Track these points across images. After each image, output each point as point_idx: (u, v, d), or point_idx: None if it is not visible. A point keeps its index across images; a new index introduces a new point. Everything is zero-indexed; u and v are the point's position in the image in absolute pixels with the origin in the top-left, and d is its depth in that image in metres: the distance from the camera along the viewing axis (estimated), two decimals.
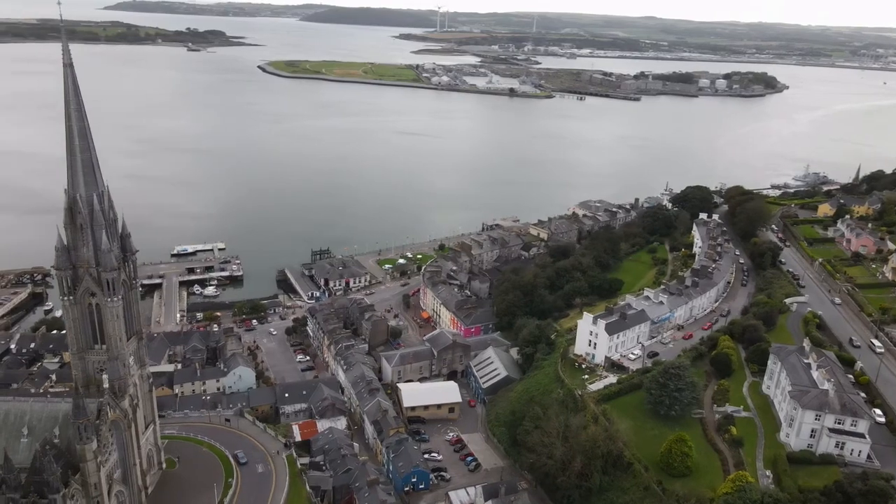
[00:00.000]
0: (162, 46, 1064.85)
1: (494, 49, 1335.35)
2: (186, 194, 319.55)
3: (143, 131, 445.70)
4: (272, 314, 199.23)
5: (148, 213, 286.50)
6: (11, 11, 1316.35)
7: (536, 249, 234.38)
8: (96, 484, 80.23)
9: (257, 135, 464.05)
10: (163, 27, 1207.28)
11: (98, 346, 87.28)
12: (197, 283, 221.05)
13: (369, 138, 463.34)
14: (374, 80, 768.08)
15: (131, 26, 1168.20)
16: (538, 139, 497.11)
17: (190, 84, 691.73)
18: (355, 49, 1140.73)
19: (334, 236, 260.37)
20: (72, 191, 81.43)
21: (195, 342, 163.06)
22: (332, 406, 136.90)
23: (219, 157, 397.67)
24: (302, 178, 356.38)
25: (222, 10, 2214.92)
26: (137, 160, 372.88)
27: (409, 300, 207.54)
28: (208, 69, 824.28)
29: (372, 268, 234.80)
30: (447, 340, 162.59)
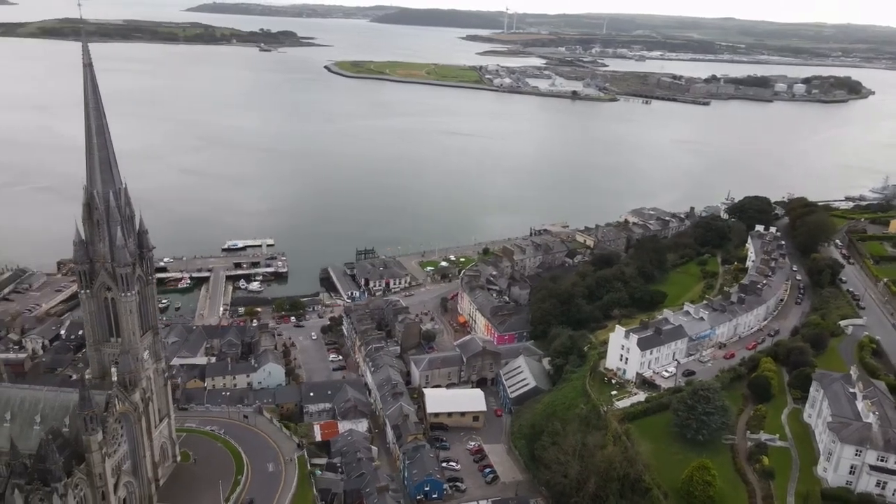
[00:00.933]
0: (236, 47, 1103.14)
1: (561, 51, 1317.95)
2: (242, 190, 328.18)
3: (207, 128, 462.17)
4: (311, 312, 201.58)
5: (204, 207, 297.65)
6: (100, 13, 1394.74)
7: (581, 257, 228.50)
8: (101, 474, 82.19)
9: (315, 133, 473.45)
10: (238, 28, 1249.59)
11: (114, 339, 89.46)
12: (243, 278, 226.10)
13: (424, 139, 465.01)
14: (435, 81, 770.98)
15: (208, 27, 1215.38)
16: (597, 143, 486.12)
17: (257, 83, 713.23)
18: (420, 50, 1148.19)
19: (380, 236, 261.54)
20: (89, 187, 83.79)
21: (231, 336, 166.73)
22: (355, 408, 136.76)
23: (276, 154, 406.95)
24: (354, 176, 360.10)
25: (296, 12, 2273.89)
26: (198, 156, 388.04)
27: (447, 304, 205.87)
28: (276, 69, 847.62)
29: (414, 269, 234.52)
30: (477, 347, 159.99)
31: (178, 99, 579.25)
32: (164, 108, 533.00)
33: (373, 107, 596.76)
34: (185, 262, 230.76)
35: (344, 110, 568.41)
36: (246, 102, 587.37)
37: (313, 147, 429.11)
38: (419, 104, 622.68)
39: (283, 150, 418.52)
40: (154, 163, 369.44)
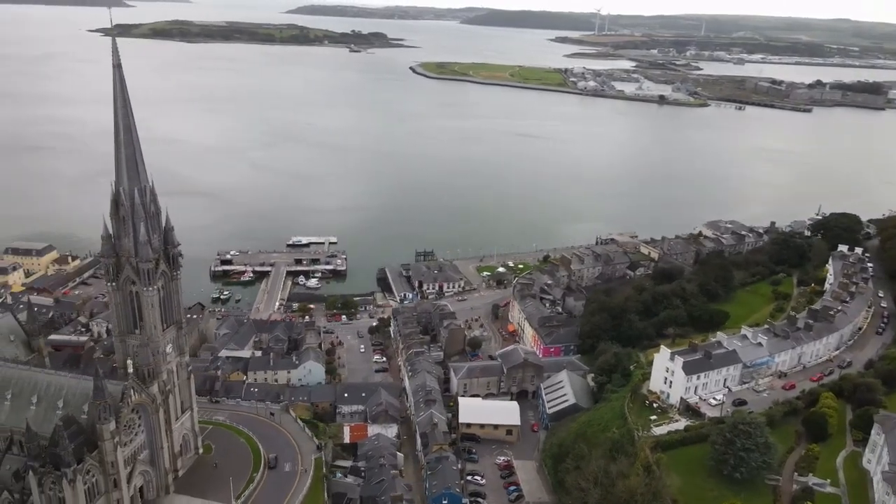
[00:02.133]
0: (327, 47, 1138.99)
1: (653, 53, 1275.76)
2: (312, 187, 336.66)
3: (284, 125, 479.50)
4: (363, 311, 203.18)
5: (274, 203, 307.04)
6: (205, 15, 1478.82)
7: (644, 270, 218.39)
8: (113, 463, 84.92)
9: (388, 133, 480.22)
10: (331, 29, 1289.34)
11: (137, 331, 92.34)
12: (302, 275, 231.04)
13: (498, 142, 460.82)
14: (518, 84, 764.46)
15: (303, 28, 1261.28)
16: (681, 151, 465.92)
17: (339, 82, 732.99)
18: (506, 52, 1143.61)
19: (441, 238, 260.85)
20: (116, 184, 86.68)
21: (278, 332, 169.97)
22: (385, 412, 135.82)
23: (349, 152, 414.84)
24: (423, 177, 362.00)
25: (388, 14, 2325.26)
26: (272, 152, 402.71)
27: (499, 311, 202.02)
28: (361, 69, 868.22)
29: (470, 274, 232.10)
30: (518, 358, 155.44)
31: (262, 96, 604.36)
32: (247, 104, 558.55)
33: (450, 108, 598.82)
34: (249, 256, 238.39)
35: (421, 111, 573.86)
36: (326, 101, 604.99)
37: (386, 146, 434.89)
38: (498, 106, 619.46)
39: (355, 148, 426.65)
40: (231, 157, 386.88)
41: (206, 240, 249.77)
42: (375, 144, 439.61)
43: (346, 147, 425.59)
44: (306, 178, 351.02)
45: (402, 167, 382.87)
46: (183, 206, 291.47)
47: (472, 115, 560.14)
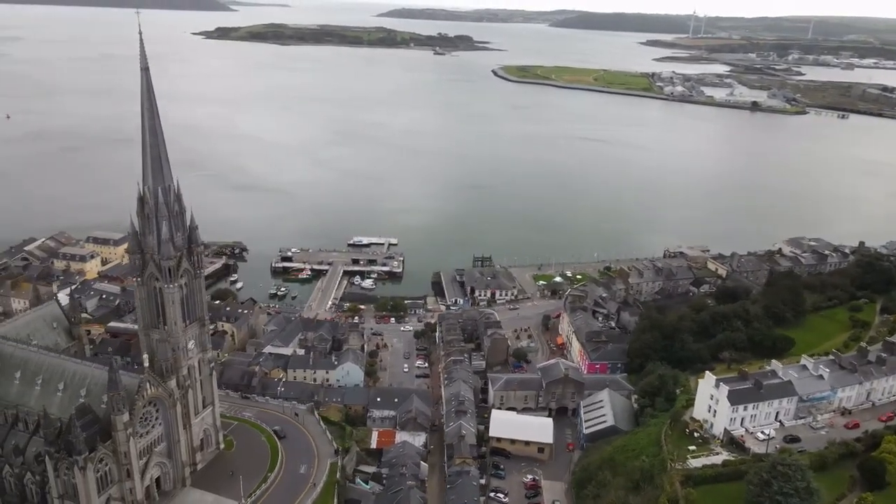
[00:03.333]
0: (413, 50, 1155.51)
1: (750, 57, 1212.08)
2: (377, 187, 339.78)
3: (356, 124, 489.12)
4: (412, 315, 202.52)
5: (338, 201, 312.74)
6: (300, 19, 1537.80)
7: (709, 287, 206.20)
8: (126, 453, 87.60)
9: (460, 135, 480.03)
10: (418, 32, 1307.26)
11: (161, 326, 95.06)
12: (358, 275, 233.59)
13: (572, 147, 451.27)
14: (600, 88, 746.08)
15: (390, 31, 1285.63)
16: (770, 161, 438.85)
17: (418, 84, 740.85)
18: (592, 55, 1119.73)
19: (501, 244, 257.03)
20: (142, 183, 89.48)
21: (323, 331, 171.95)
22: (414, 420, 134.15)
23: (418, 153, 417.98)
24: (490, 180, 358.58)
25: (477, 17, 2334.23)
26: (342, 151, 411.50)
27: (550, 322, 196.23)
28: (443, 71, 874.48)
29: (525, 282, 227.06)
30: (559, 373, 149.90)
31: (340, 96, 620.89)
32: (324, 104, 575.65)
33: (526, 111, 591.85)
34: (309, 254, 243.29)
35: (495, 113, 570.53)
36: (401, 101, 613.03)
37: (455, 148, 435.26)
38: (577, 111, 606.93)
39: (424, 149, 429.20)
40: (302, 155, 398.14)
41: (270, 236, 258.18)
42: (445, 146, 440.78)
43: (416, 148, 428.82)
44: (373, 178, 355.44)
45: (470, 170, 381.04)
46: (253, 202, 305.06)
47: (549, 119, 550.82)
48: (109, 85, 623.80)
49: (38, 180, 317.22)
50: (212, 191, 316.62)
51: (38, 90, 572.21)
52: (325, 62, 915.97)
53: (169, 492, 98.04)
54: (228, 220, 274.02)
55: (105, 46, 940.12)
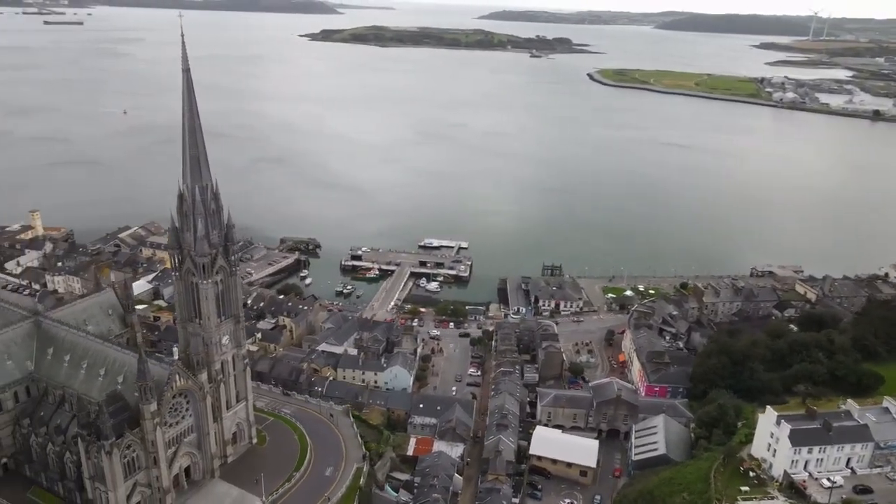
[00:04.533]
0: (509, 52, 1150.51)
1: (877, 62, 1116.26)
2: (453, 188, 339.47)
3: (441, 125, 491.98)
4: (472, 321, 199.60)
5: (412, 202, 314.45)
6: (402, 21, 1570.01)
7: (794, 312, 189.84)
8: (153, 441, 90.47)
9: (543, 138, 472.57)
10: (516, 35, 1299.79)
11: (196, 320, 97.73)
12: (424, 277, 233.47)
13: (661, 154, 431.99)
14: (702, 93, 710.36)
15: (488, 33, 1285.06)
16: (890, 175, 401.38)
17: (508, 86, 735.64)
18: (698, 59, 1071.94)
19: (573, 252, 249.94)
20: (182, 181, 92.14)
21: (378, 332, 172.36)
22: (453, 430, 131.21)
23: (498, 156, 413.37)
24: (568, 186, 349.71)
25: (579, 19, 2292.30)
26: (422, 151, 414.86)
27: (614, 338, 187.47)
28: (536, 73, 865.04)
29: (594, 294, 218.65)
30: (611, 392, 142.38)
31: (428, 97, 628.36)
32: (411, 104, 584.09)
33: (619, 116, 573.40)
34: (379, 254, 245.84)
35: (585, 118, 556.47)
36: (487, 103, 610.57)
37: (537, 152, 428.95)
38: (674, 117, 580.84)
39: (505, 151, 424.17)
40: (383, 155, 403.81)
41: (344, 234, 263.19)
42: (526, 149, 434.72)
43: (496, 150, 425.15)
44: (450, 180, 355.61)
45: (549, 174, 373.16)
46: (332, 200, 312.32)
47: (640, 124, 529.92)
48: (210, 83, 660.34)
49: (139, 171, 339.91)
50: (295, 187, 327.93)
51: (152, 87, 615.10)
52: (420, 64, 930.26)
53: (198, 482, 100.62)
54: (306, 217, 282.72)
55: (213, 48, 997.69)
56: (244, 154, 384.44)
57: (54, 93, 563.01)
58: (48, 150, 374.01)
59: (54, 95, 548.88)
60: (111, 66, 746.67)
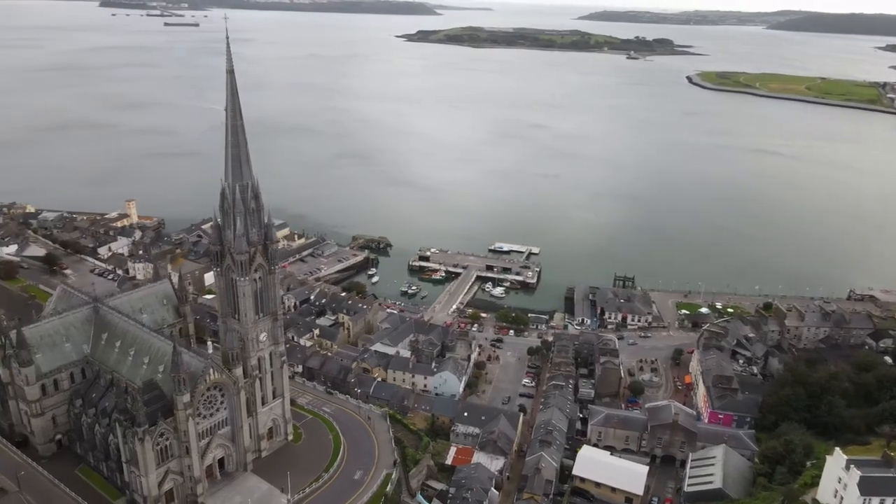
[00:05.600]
0: (605, 54, 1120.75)
1: None
2: (528, 191, 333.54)
3: (520, 126, 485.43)
4: (533, 329, 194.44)
5: (485, 204, 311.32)
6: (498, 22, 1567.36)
7: (892, 342, 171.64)
8: (185, 432, 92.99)
9: (627, 143, 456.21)
10: (614, 35, 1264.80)
11: (235, 316, 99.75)
12: (490, 282, 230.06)
13: (757, 162, 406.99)
14: (814, 99, 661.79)
15: (585, 35, 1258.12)
16: None
17: (598, 88, 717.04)
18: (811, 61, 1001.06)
19: (648, 264, 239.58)
20: (224, 179, 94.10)
21: (433, 336, 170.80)
22: (494, 442, 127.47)
23: (577, 159, 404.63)
24: (651, 193, 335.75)
25: (684, 19, 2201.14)
26: (499, 152, 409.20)
27: (682, 357, 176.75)
28: (632, 76, 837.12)
29: (666, 309, 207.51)
30: (667, 416, 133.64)
31: (510, 97, 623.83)
32: (494, 105, 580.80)
33: (716, 120, 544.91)
34: (447, 256, 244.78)
35: (674, 122, 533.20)
36: (572, 104, 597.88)
37: (617, 157, 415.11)
38: (777, 124, 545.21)
39: (585, 155, 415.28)
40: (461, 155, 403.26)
41: (414, 234, 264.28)
42: (606, 153, 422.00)
43: (575, 153, 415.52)
44: (525, 182, 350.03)
45: (629, 181, 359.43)
46: (406, 198, 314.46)
47: (739, 131, 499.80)
48: (305, 81, 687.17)
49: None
50: (372, 185, 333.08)
51: (252, 85, 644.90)
52: (508, 64, 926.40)
53: (231, 473, 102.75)
54: (380, 215, 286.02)
55: (313, 48, 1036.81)
56: (328, 149, 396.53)
57: (166, 89, 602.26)
58: (153, 142, 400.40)
59: (165, 91, 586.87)
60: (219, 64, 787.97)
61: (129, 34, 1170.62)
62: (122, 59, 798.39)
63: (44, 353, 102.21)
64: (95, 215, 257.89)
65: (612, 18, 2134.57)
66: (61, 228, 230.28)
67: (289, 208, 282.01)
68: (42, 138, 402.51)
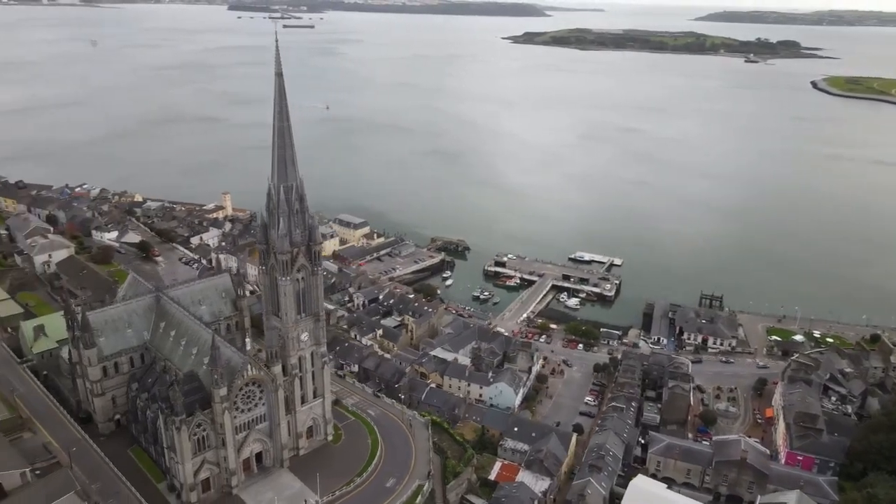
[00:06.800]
0: (721, 56, 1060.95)
1: None
2: (613, 199, 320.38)
3: (612, 131, 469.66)
4: (603, 344, 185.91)
5: (569, 211, 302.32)
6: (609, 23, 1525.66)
7: None
8: (222, 424, 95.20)
9: (729, 151, 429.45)
10: (733, 37, 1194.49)
11: (278, 315, 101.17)
12: (566, 292, 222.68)
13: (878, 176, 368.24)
14: None
15: (700, 36, 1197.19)
16: None
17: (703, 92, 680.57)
18: None
19: (740, 283, 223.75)
20: (270, 179, 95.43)
21: (495, 345, 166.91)
22: (541, 462, 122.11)
23: (669, 166, 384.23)
24: (749, 206, 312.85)
25: (816, 19, 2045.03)
26: (592, 156, 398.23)
27: (766, 388, 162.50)
28: (746, 81, 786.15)
29: (755, 334, 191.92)
30: (736, 453, 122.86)
31: (610, 101, 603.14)
32: (590, 109, 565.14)
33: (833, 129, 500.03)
34: (524, 263, 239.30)
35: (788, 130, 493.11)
36: (671, 109, 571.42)
37: (716, 165, 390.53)
38: None
39: (677, 162, 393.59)
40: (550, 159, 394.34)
41: (493, 238, 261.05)
42: (705, 161, 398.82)
43: (670, 160, 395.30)
44: (611, 188, 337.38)
45: (726, 191, 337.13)
46: (489, 201, 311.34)
47: (864, 142, 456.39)
48: (406, 81, 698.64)
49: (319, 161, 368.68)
50: (456, 185, 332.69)
51: (355, 84, 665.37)
52: (612, 67, 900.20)
53: (268, 469, 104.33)
54: (460, 217, 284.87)
55: (418, 48, 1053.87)
56: (417, 148, 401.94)
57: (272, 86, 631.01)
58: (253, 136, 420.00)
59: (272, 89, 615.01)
60: (327, 63, 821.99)
61: (249, 35, 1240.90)
62: (239, 59, 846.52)
63: (107, 337, 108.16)
64: (194, 206, 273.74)
65: (734, 19, 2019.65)
66: (161, 217, 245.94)
67: (372, 206, 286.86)
68: (156, 131, 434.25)
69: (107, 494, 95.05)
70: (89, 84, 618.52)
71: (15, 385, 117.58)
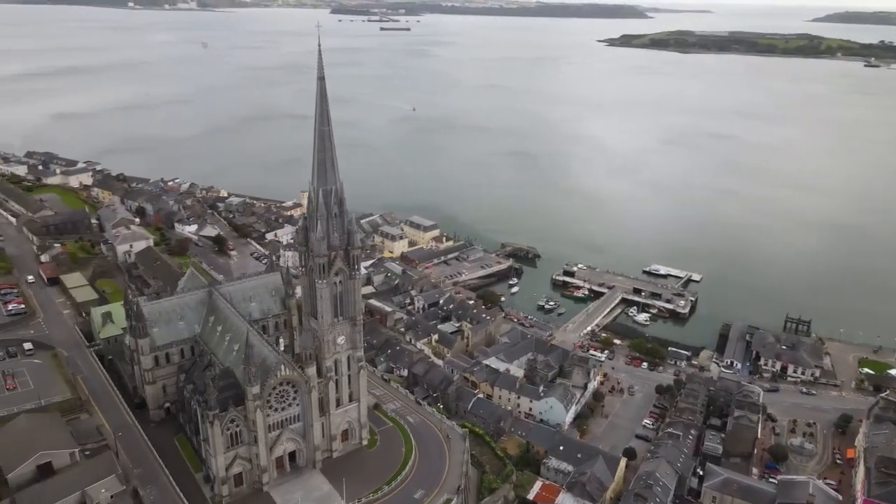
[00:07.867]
0: (837, 60, 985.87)
1: None
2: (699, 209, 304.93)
3: (703, 138, 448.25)
4: (670, 364, 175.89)
5: (646, 221, 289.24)
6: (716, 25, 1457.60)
7: None
8: (253, 421, 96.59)
9: (837, 162, 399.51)
10: (854, 40, 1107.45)
11: (315, 317, 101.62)
12: (636, 306, 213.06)
13: None
14: None
15: (814, 38, 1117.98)
16: None
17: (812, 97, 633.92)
18: None
19: (833, 308, 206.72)
20: (310, 182, 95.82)
21: (552, 357, 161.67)
22: (584, 486, 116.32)
23: (766, 175, 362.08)
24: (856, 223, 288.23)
25: None
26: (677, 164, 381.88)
27: (850, 425, 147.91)
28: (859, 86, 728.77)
29: (843, 364, 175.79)
30: (802, 495, 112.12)
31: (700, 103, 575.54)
32: (675, 111, 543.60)
33: None
34: (594, 273, 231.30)
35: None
36: (772, 115, 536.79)
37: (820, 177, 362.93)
38: None
39: (774, 171, 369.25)
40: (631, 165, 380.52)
41: (565, 246, 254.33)
42: (806, 172, 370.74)
43: (765, 169, 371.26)
44: (695, 197, 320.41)
45: (828, 207, 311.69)
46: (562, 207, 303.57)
47: None
48: (494, 82, 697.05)
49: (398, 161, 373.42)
50: (530, 189, 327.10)
51: (444, 85, 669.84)
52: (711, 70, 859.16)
53: (301, 469, 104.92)
54: (533, 223, 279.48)
55: (508, 50, 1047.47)
56: (496, 149, 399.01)
57: (363, 87, 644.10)
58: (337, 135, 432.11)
59: (363, 89, 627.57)
60: (419, 65, 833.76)
61: (348, 37, 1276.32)
62: (337, 60, 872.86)
63: (160, 328, 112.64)
64: (273, 202, 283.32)
65: (856, 20, 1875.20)
66: (241, 212, 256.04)
67: (445, 208, 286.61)
68: (247, 127, 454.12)
69: (146, 480, 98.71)
70: (197, 83, 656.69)
71: (80, 367, 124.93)
